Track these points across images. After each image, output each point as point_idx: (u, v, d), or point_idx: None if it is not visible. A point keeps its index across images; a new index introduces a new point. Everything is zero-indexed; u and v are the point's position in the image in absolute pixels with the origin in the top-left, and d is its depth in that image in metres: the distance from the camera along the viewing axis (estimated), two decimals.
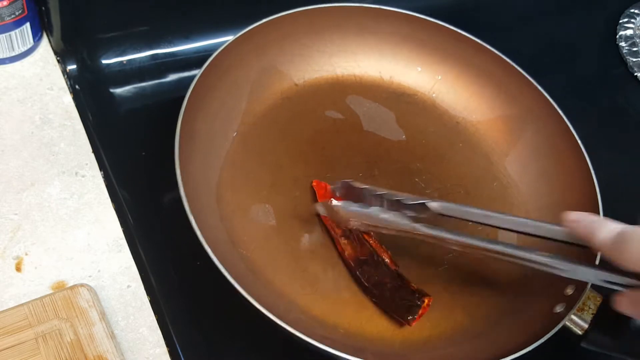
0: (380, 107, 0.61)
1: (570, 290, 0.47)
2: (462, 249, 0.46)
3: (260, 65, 0.58)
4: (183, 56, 0.62)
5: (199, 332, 0.47)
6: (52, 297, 0.44)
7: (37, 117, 0.54)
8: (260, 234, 0.51)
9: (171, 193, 0.46)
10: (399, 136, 0.59)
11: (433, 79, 0.62)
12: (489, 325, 0.49)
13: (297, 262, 0.50)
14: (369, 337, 0.47)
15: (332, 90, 0.61)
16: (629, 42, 0.74)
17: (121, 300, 0.47)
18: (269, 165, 0.55)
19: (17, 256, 0.47)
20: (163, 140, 0.48)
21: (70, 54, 0.58)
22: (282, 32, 0.58)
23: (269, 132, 0.57)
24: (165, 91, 0.60)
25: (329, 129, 0.58)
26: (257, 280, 0.48)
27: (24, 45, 0.56)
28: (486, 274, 0.52)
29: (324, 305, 0.48)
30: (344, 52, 0.61)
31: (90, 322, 0.43)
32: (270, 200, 0.52)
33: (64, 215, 0.50)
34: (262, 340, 0.47)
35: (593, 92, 0.71)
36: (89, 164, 0.53)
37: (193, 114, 0.50)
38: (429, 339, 0.48)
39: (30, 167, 0.52)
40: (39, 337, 0.42)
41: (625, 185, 0.63)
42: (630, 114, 0.70)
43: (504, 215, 0.46)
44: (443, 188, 0.56)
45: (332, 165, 0.56)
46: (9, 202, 0.50)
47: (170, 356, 0.45)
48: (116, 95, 0.59)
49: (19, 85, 0.56)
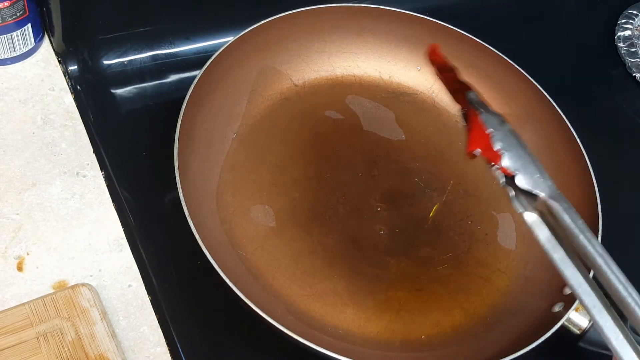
0: (379, 106, 0.61)
1: (569, 290, 0.47)
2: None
3: (260, 65, 0.58)
4: (184, 57, 0.62)
5: (200, 331, 0.48)
6: (54, 297, 0.44)
7: (38, 118, 0.55)
8: (260, 235, 0.51)
9: (172, 193, 0.46)
10: (398, 136, 0.60)
11: (433, 78, 0.62)
12: (488, 325, 0.50)
13: (296, 264, 0.50)
14: (368, 337, 0.48)
15: (331, 90, 0.61)
16: (628, 43, 0.74)
17: (122, 300, 0.47)
18: (268, 166, 0.55)
19: (18, 256, 0.48)
20: (164, 140, 0.48)
21: (72, 55, 0.58)
22: (282, 33, 0.58)
23: (268, 133, 0.57)
24: (166, 92, 0.60)
25: (329, 129, 0.58)
26: (256, 282, 0.48)
27: (25, 46, 0.57)
28: (486, 274, 0.52)
29: (323, 306, 0.48)
30: (344, 52, 0.62)
31: (91, 322, 0.44)
32: (270, 201, 0.53)
33: (65, 215, 0.50)
34: (263, 340, 0.47)
35: (592, 92, 0.71)
36: (90, 164, 0.53)
37: (193, 114, 0.51)
38: (429, 339, 0.49)
39: (31, 167, 0.52)
40: (40, 337, 0.43)
41: (625, 185, 0.63)
42: (629, 114, 0.70)
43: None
44: (442, 187, 0.57)
45: (332, 165, 0.56)
46: (10, 202, 0.50)
47: (171, 355, 0.45)
48: (117, 95, 0.59)
49: (20, 85, 0.56)
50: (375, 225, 0.53)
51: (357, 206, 0.54)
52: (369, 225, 0.53)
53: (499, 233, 0.55)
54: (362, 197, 0.55)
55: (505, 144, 0.40)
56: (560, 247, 0.37)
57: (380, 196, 0.55)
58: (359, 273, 0.50)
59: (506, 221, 0.55)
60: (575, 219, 0.36)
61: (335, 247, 0.51)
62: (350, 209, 0.54)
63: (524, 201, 0.38)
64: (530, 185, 0.38)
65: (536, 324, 0.46)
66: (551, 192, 0.37)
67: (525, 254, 0.54)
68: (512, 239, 0.55)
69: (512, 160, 0.39)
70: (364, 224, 0.53)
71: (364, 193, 0.55)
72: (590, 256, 0.35)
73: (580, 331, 0.46)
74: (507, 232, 0.55)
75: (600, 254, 0.35)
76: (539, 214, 0.38)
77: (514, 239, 0.55)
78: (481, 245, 0.54)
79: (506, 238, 0.54)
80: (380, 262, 0.51)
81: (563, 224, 0.36)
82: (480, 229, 0.55)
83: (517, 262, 0.53)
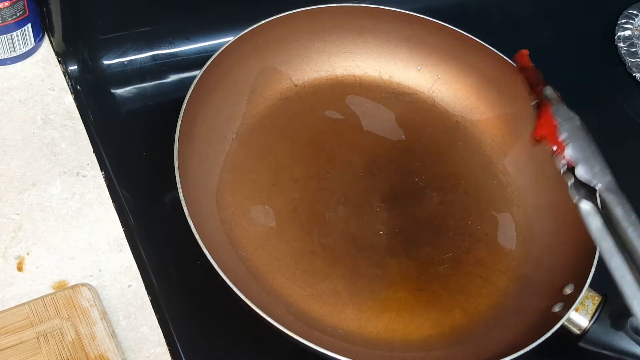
0: (379, 106, 0.61)
1: (569, 290, 0.47)
2: None
3: (260, 66, 0.58)
4: (184, 57, 0.62)
5: (200, 331, 0.48)
6: (54, 297, 0.44)
7: (38, 118, 0.55)
8: (260, 235, 0.51)
9: (172, 193, 0.46)
10: (398, 136, 0.60)
11: (432, 78, 0.63)
12: (488, 325, 0.50)
13: (296, 264, 0.50)
14: (368, 337, 0.48)
15: (331, 90, 0.61)
16: (628, 43, 0.74)
17: (122, 300, 0.47)
18: (268, 166, 0.55)
19: (18, 256, 0.48)
20: (164, 140, 0.48)
21: (72, 55, 0.58)
22: (282, 33, 0.58)
23: (268, 133, 0.57)
24: (166, 92, 0.60)
25: (329, 129, 0.58)
26: (256, 282, 0.48)
27: (25, 46, 0.57)
28: (486, 274, 0.52)
29: (323, 306, 0.48)
30: (344, 52, 0.62)
31: (91, 322, 0.44)
32: (270, 201, 0.53)
33: (65, 215, 0.50)
34: (263, 340, 0.47)
35: (592, 92, 0.71)
36: (90, 164, 0.53)
37: (193, 114, 0.51)
38: (428, 339, 0.49)
39: (31, 167, 0.52)
40: (40, 337, 0.43)
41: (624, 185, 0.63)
42: (629, 114, 0.70)
43: None
44: (442, 187, 0.57)
45: (332, 165, 0.56)
46: (10, 202, 0.50)
47: (170, 355, 0.45)
48: (117, 95, 0.59)
49: (20, 85, 0.56)
50: (375, 225, 0.53)
51: (357, 206, 0.54)
52: (369, 225, 0.53)
53: (499, 233, 0.55)
54: (362, 197, 0.55)
55: (570, 135, 0.42)
56: (609, 237, 0.38)
57: (380, 196, 0.55)
58: (359, 273, 0.50)
59: (506, 221, 0.55)
60: (629, 213, 0.38)
61: (335, 247, 0.51)
62: (350, 209, 0.54)
63: (581, 191, 0.40)
64: (589, 176, 0.40)
65: (536, 324, 0.46)
66: (608, 185, 0.39)
67: (525, 254, 0.54)
68: (512, 239, 0.55)
69: (575, 151, 0.41)
70: (364, 224, 0.53)
71: (364, 193, 0.55)
72: (636, 250, 0.36)
73: (580, 331, 0.46)
74: (507, 232, 0.55)
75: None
76: (593, 204, 0.39)
77: (514, 239, 0.55)
78: (481, 245, 0.54)
79: (506, 238, 0.54)
80: (380, 262, 0.51)
81: (615, 216, 0.38)
82: (480, 229, 0.55)
83: (517, 262, 0.53)
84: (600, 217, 0.38)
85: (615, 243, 0.37)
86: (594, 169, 0.40)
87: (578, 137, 0.42)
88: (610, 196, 0.38)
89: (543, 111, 0.45)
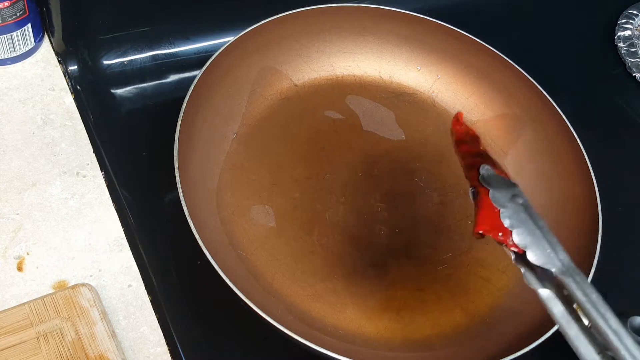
0: (379, 106, 0.61)
1: None
2: None
3: (260, 65, 0.58)
4: (183, 57, 0.62)
5: (200, 331, 0.48)
6: (54, 297, 0.44)
7: (38, 118, 0.55)
8: (260, 235, 0.51)
9: (172, 193, 0.46)
10: (398, 136, 0.60)
11: (432, 78, 0.63)
12: (488, 325, 0.50)
13: (296, 264, 0.50)
14: (368, 337, 0.48)
15: (331, 90, 0.61)
16: (628, 43, 0.74)
17: (122, 300, 0.47)
18: (268, 166, 0.55)
19: (18, 256, 0.48)
20: (164, 140, 0.48)
21: (72, 55, 0.58)
22: (282, 33, 0.58)
23: (268, 133, 0.57)
24: (166, 92, 0.60)
25: (329, 129, 0.58)
26: (256, 282, 0.48)
27: (25, 46, 0.57)
28: (486, 274, 0.52)
29: (323, 306, 0.48)
30: (344, 52, 0.62)
31: (91, 322, 0.44)
32: (270, 201, 0.53)
33: (65, 215, 0.50)
34: (263, 339, 0.47)
35: (592, 92, 0.71)
36: (90, 164, 0.53)
37: (193, 114, 0.51)
38: (429, 339, 0.49)
39: (31, 167, 0.52)
40: (40, 337, 0.43)
41: (624, 185, 0.63)
42: (628, 114, 0.70)
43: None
44: (442, 187, 0.57)
45: (332, 165, 0.56)
46: (10, 202, 0.50)
47: (170, 355, 0.45)
48: (117, 95, 0.59)
49: (20, 85, 0.56)
50: (375, 225, 0.53)
51: (357, 206, 0.54)
52: (369, 225, 0.53)
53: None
54: (362, 197, 0.55)
55: (514, 221, 0.39)
56: (574, 323, 0.36)
57: (380, 196, 0.55)
58: (359, 273, 0.51)
59: None
60: (589, 293, 0.36)
61: (335, 247, 0.51)
62: (350, 209, 0.54)
63: (537, 277, 0.38)
64: (541, 261, 0.38)
65: (536, 324, 0.46)
66: (563, 267, 0.37)
67: None
68: None
69: (521, 237, 0.39)
70: (364, 224, 0.53)
71: (364, 193, 0.55)
72: (602, 331, 0.34)
73: None
74: None
75: (614, 330, 0.34)
76: (552, 289, 0.37)
77: None
78: (481, 245, 0.54)
79: None
80: (380, 262, 0.51)
81: (576, 300, 0.36)
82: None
83: None
84: (561, 302, 0.37)
85: (580, 328, 0.36)
86: (545, 251, 0.38)
87: (522, 220, 0.39)
88: (567, 279, 0.37)
89: (482, 200, 0.42)
